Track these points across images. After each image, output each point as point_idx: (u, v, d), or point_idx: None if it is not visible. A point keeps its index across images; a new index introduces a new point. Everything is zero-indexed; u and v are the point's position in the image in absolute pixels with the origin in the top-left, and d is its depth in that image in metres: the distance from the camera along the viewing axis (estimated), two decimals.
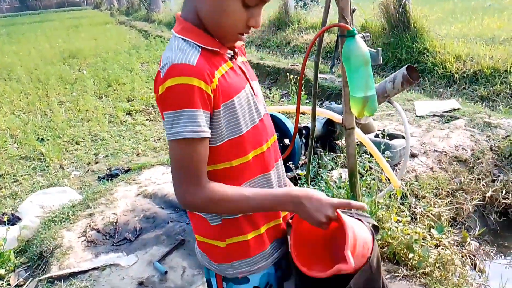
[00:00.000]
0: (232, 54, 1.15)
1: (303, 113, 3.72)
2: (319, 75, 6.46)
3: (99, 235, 3.06)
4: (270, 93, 6.46)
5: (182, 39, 1.05)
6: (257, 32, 10.72)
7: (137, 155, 4.56)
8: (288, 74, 6.12)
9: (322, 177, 2.57)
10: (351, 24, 1.96)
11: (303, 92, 5.41)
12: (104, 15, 29.33)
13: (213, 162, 1.09)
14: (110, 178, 3.96)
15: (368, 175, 2.48)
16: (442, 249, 2.35)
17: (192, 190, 1.04)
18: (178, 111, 0.99)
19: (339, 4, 1.87)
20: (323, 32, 1.91)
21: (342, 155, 3.01)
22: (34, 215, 3.34)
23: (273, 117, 3.00)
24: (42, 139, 5.26)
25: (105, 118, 5.84)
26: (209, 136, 1.03)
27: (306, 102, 5.69)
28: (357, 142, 2.55)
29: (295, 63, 7.29)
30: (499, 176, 3.37)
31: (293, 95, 5.85)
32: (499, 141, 3.66)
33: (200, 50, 1.04)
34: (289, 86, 5.98)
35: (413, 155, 3.44)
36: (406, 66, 2.77)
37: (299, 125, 3.09)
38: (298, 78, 5.81)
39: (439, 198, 2.99)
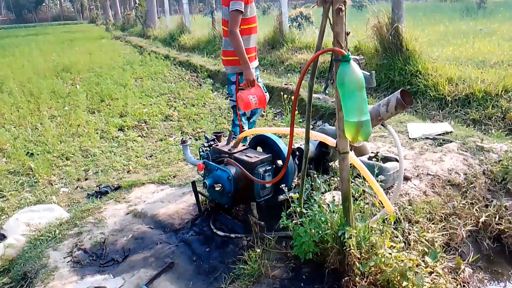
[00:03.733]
0: None
1: (296, 135, 3.73)
2: (314, 95, 6.49)
3: (86, 255, 2.98)
4: (264, 112, 6.46)
5: None
6: None
7: (128, 172, 4.49)
8: (282, 93, 6.13)
9: (315, 199, 2.53)
10: (345, 49, 1.96)
11: (296, 112, 5.41)
12: (99, 30, 29.46)
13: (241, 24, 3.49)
14: (99, 196, 3.89)
15: (362, 199, 2.45)
16: (436, 276, 2.31)
17: (233, 29, 3.43)
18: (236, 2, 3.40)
19: (334, 29, 1.86)
20: (317, 56, 1.90)
21: (336, 178, 2.98)
22: (19, 233, 3.25)
23: (266, 138, 2.98)
24: (31, 153, 5.18)
25: (97, 133, 5.79)
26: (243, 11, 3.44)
27: (300, 122, 5.70)
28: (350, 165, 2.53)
29: (289, 82, 7.32)
30: (492, 201, 3.36)
31: (287, 114, 5.85)
32: (491, 165, 3.66)
33: None
34: (283, 105, 5.99)
35: (406, 178, 3.42)
36: (400, 90, 2.77)
37: (293, 147, 3.08)
38: (292, 97, 5.83)
39: (433, 223, 2.96)
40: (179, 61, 11.38)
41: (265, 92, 3.75)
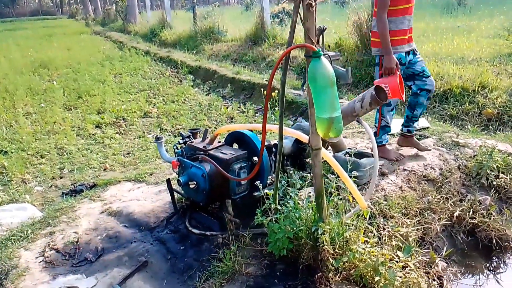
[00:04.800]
0: None
1: (271, 131, 3.69)
2: (293, 91, 6.48)
3: (59, 255, 2.91)
4: (245, 108, 6.44)
5: None
6: (233, 47, 10.74)
7: (105, 170, 4.42)
8: (262, 89, 6.12)
9: (290, 196, 2.52)
10: (317, 44, 1.94)
11: (277, 108, 5.40)
12: (79, 25, 28.93)
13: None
14: (74, 194, 3.81)
15: (336, 195, 2.45)
16: (410, 271, 2.33)
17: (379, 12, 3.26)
18: None
19: (305, 24, 1.84)
20: (288, 52, 1.89)
21: (312, 174, 2.98)
22: None
23: (242, 135, 2.95)
24: (5, 151, 5.05)
25: (73, 130, 5.67)
26: None
27: None
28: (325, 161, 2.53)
29: (268, 79, 7.30)
30: (466, 195, 3.41)
31: (268, 110, 5.82)
32: (466, 160, 3.71)
33: None
34: (264, 101, 5.96)
35: (383, 174, 3.44)
36: (374, 86, 2.78)
37: (269, 143, 3.06)
38: (273, 94, 5.82)
39: (408, 218, 2.98)
40: (159, 57, 11.25)
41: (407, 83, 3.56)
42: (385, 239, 2.61)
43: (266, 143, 2.99)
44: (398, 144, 3.88)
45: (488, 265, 3.14)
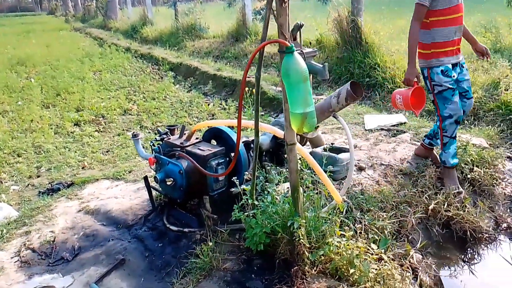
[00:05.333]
0: None
1: (246, 127, 3.68)
2: (274, 88, 6.50)
3: (35, 254, 2.88)
4: (226, 105, 6.44)
5: None
6: (215, 43, 10.71)
7: (83, 168, 4.36)
8: None
9: (268, 191, 2.54)
10: (294, 41, 1.96)
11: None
12: (58, 21, 28.40)
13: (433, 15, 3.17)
14: (51, 193, 3.75)
15: (311, 190, 2.47)
16: (384, 263, 2.37)
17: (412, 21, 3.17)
18: None
19: (277, 20, 1.85)
20: (262, 47, 1.89)
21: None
22: None
23: (220, 131, 2.95)
24: None
25: (51, 129, 5.58)
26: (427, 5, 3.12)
27: (262, 115, 5.70)
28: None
29: (252, 75, 7.29)
30: (441, 188, 3.48)
31: (249, 107, 5.84)
32: None
33: None
34: (245, 98, 5.97)
35: (360, 169, 3.49)
36: (350, 82, 2.81)
37: (248, 139, 3.07)
38: (253, 90, 5.82)
39: (384, 211, 3.03)
40: (140, 54, 11.13)
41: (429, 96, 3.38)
42: (361, 233, 2.65)
43: (244, 139, 3.01)
44: (415, 154, 3.75)
45: (462, 256, 3.21)
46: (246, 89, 5.83)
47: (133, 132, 3.08)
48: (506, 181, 3.71)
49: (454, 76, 3.26)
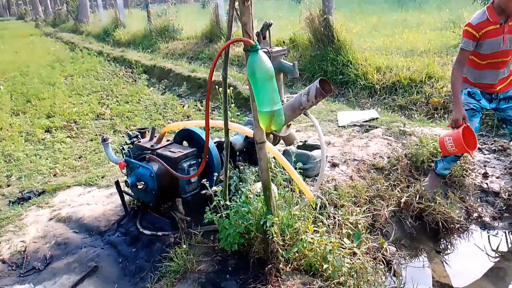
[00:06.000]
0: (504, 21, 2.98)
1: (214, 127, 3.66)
2: (248, 87, 6.48)
3: (5, 265, 2.80)
4: (201, 106, 6.40)
5: (484, 10, 3.02)
6: (189, 45, 10.63)
7: (54, 175, 4.26)
8: (217, 87, 6.07)
9: (242, 191, 2.53)
10: (255, 38, 1.96)
11: (233, 105, 5.40)
12: (28, 27, 27.69)
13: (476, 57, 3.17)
14: (21, 202, 3.65)
15: (283, 188, 2.48)
16: (358, 257, 2.40)
17: (454, 64, 3.15)
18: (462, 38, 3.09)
19: (241, 19, 1.85)
20: (227, 46, 1.89)
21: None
22: None
23: (191, 133, 2.93)
24: None
25: (21, 136, 5.44)
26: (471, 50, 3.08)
27: (238, 115, 5.68)
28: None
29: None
30: (413, 182, 3.54)
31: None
32: (413, 148, 3.86)
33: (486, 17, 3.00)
34: (219, 99, 5.94)
35: (334, 165, 3.52)
36: (319, 79, 2.83)
37: (220, 139, 3.05)
38: (228, 91, 5.79)
39: (358, 206, 3.06)
40: (113, 57, 10.95)
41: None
42: (335, 228, 2.67)
43: (217, 140, 2.99)
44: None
45: (435, 247, 3.28)
46: (220, 89, 5.80)
47: (103, 137, 3.03)
48: (476, 171, 3.81)
49: (480, 101, 3.26)
